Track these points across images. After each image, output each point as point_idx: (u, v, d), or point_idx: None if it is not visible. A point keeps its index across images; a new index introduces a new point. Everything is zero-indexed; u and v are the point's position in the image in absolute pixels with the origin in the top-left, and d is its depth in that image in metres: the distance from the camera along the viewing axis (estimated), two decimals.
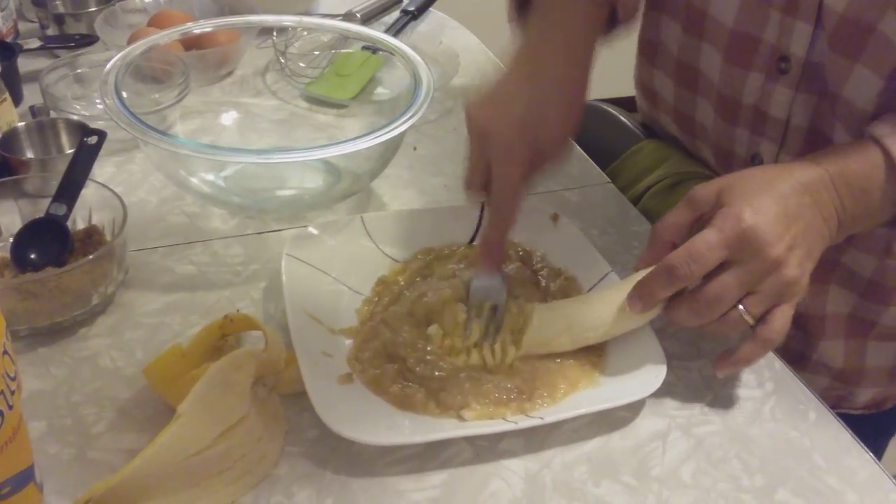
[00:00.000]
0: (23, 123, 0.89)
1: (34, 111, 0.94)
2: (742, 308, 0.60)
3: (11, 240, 0.74)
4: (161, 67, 0.94)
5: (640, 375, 0.65)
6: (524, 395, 0.64)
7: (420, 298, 0.71)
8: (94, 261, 0.68)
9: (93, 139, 0.77)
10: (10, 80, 0.95)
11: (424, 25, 1.24)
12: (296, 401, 0.64)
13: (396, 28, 1.17)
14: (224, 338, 0.66)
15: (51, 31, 1.12)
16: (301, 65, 1.06)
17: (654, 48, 0.88)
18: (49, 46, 1.07)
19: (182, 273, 0.77)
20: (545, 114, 0.68)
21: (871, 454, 0.63)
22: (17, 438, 0.48)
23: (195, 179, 0.83)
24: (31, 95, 0.99)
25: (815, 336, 0.85)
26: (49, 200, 0.75)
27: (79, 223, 0.77)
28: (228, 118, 0.98)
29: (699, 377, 0.69)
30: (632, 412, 0.65)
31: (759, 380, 0.69)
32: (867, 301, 0.82)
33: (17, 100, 0.98)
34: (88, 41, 1.07)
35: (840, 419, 0.66)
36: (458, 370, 0.65)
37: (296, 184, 0.90)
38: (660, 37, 0.86)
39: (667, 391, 0.67)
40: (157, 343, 0.69)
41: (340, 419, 0.58)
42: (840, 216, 0.63)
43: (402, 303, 0.71)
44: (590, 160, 0.97)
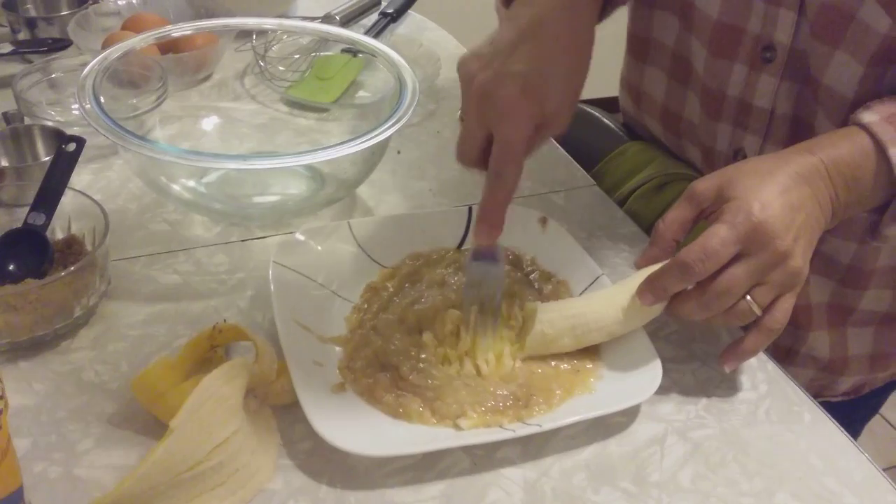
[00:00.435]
0: None
1: (7, 118, 0.91)
2: (749, 299, 0.61)
3: None
4: (138, 72, 0.92)
5: (636, 379, 0.64)
6: (520, 402, 0.63)
7: (411, 305, 0.70)
8: (76, 272, 0.66)
9: (71, 146, 0.75)
10: None
11: (403, 28, 1.23)
12: (287, 412, 0.63)
13: (375, 31, 1.16)
14: (213, 349, 0.64)
15: (22, 36, 1.09)
16: (280, 68, 1.05)
17: (646, 44, 0.88)
18: (21, 51, 1.04)
19: (166, 283, 0.75)
20: (551, 74, 0.63)
21: (867, 455, 0.63)
22: (7, 460, 0.46)
23: (176, 186, 0.81)
24: (3, 101, 0.97)
25: (804, 328, 0.86)
26: (25, 210, 0.73)
27: (58, 233, 0.75)
28: (208, 123, 0.96)
29: (693, 380, 0.68)
30: (628, 417, 0.65)
31: (753, 382, 0.69)
32: (845, 287, 0.83)
33: None
34: (61, 45, 1.05)
35: (823, 408, 0.67)
36: (453, 378, 0.64)
37: (279, 190, 0.88)
38: (651, 32, 0.86)
39: (661, 395, 0.66)
40: (143, 355, 0.67)
41: (336, 431, 0.57)
42: (834, 204, 0.64)
43: (393, 310, 0.70)
44: (574, 162, 0.97)
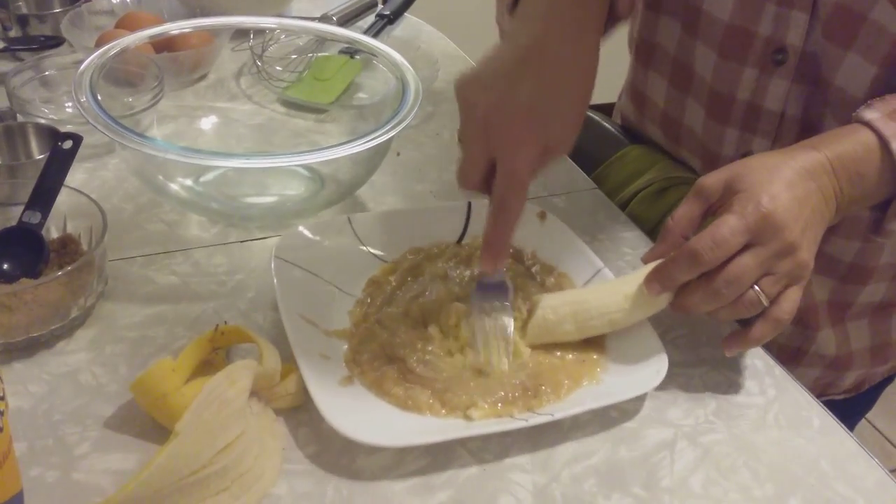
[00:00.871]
0: None
1: (0, 115, 0.89)
2: (757, 289, 0.61)
3: None
4: (134, 70, 0.91)
5: (642, 370, 0.64)
6: (529, 392, 0.63)
7: (415, 299, 0.70)
8: (74, 271, 0.65)
9: (68, 143, 0.73)
10: None
11: (400, 30, 1.22)
12: (291, 416, 0.61)
13: (372, 32, 1.15)
14: (215, 351, 0.63)
15: (14, 33, 1.07)
16: (277, 68, 1.04)
17: (651, 49, 0.87)
18: (13, 49, 1.02)
19: (164, 283, 0.73)
20: (555, 99, 0.61)
21: (877, 460, 0.63)
22: (7, 463, 0.44)
23: (174, 185, 0.80)
24: None
25: (813, 327, 0.86)
26: (19, 208, 0.71)
27: (53, 232, 0.73)
28: (204, 123, 0.95)
29: (701, 384, 0.68)
30: (637, 422, 0.64)
31: (761, 386, 0.68)
32: (846, 284, 0.84)
33: None
34: (54, 43, 1.03)
35: (825, 407, 0.67)
36: (461, 369, 0.64)
37: (277, 190, 0.87)
38: (656, 37, 0.86)
39: (670, 399, 0.66)
40: (141, 357, 0.65)
41: (349, 423, 0.56)
42: (839, 200, 0.65)
43: (396, 303, 0.70)
44: (575, 166, 0.96)
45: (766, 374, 0.69)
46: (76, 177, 0.86)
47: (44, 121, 0.87)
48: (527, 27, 0.63)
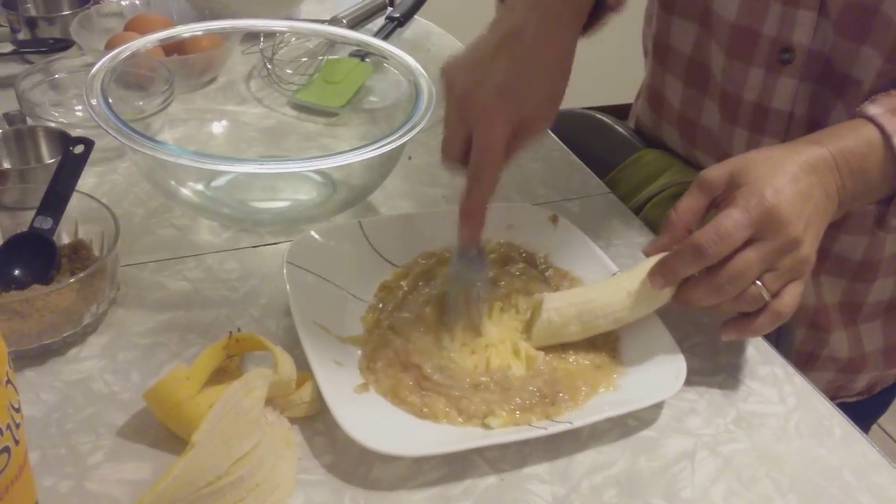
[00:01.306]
0: None
1: (9, 119, 0.88)
2: (760, 284, 0.60)
3: None
4: (144, 73, 0.90)
5: (660, 375, 0.64)
6: (547, 399, 0.62)
7: (428, 303, 0.69)
8: (86, 278, 0.64)
9: (79, 148, 0.72)
10: None
11: (410, 33, 1.22)
12: (306, 425, 0.61)
13: (382, 35, 1.14)
14: (229, 358, 0.62)
15: (22, 35, 1.07)
16: (288, 71, 1.03)
17: (667, 51, 0.87)
18: (22, 51, 1.02)
19: (175, 289, 0.73)
20: (527, 78, 0.64)
21: None
22: (23, 475, 0.44)
23: (185, 189, 0.79)
24: (3, 102, 0.94)
25: (825, 330, 0.86)
26: (29, 213, 0.71)
27: (64, 237, 0.72)
28: (215, 126, 0.94)
29: (720, 393, 0.67)
30: (656, 431, 0.63)
31: (781, 395, 0.67)
32: (856, 283, 0.84)
33: None
34: (63, 45, 1.02)
35: (839, 409, 0.66)
36: (478, 375, 0.64)
37: (288, 195, 0.86)
38: (671, 38, 0.86)
39: (689, 409, 0.65)
40: (154, 364, 0.65)
41: (365, 432, 0.56)
42: (841, 195, 0.64)
43: (409, 308, 0.69)
44: (588, 170, 0.95)
45: (786, 383, 0.68)
46: (86, 181, 0.85)
47: (54, 124, 0.86)
48: (509, 16, 0.67)
